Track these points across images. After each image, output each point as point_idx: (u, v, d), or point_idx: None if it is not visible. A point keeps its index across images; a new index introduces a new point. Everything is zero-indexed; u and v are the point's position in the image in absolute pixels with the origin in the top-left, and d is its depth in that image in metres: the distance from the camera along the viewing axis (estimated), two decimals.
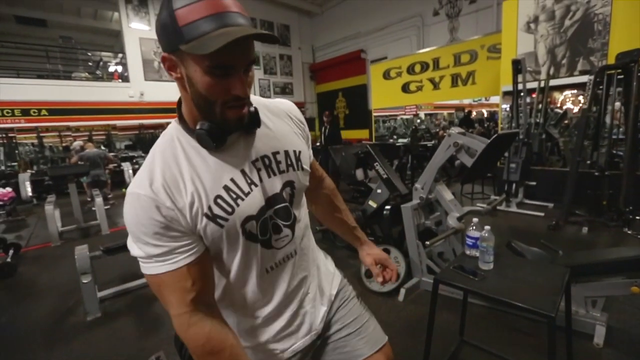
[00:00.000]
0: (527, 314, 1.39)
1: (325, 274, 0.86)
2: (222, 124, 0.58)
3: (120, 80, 8.17)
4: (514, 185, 4.24)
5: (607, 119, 3.68)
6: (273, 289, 0.71)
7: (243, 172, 0.63)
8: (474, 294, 1.30)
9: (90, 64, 9.63)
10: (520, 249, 1.98)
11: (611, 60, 3.71)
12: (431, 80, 6.73)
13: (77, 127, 8.39)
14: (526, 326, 1.87)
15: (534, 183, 4.30)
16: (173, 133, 0.63)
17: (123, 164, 7.05)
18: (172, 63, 0.55)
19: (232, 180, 0.62)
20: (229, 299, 0.71)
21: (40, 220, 5.00)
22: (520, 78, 4.28)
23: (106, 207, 5.30)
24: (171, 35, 0.51)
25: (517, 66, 4.25)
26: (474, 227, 1.41)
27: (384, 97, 7.86)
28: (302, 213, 0.76)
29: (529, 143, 4.21)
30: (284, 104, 0.77)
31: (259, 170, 0.65)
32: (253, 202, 0.64)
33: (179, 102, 0.63)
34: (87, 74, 8.55)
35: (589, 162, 3.89)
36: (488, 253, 1.33)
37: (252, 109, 0.62)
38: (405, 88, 7.24)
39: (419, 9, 7.55)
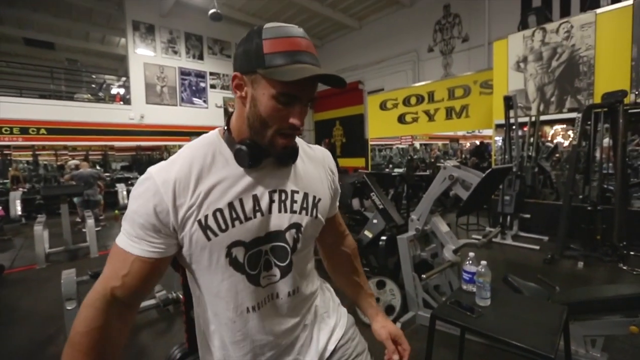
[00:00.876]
0: (526, 353, 1.34)
1: (325, 324, 0.78)
2: (267, 147, 0.61)
3: (122, 103, 8.31)
4: (508, 218, 4.27)
5: (597, 154, 3.79)
6: (250, 333, 0.66)
7: (255, 197, 0.63)
8: (471, 331, 1.27)
9: (93, 86, 9.83)
10: (517, 284, 1.95)
11: (597, 99, 3.88)
12: (426, 113, 6.93)
13: (74, 146, 8.42)
14: None
15: (528, 216, 4.33)
16: (212, 138, 0.65)
17: (117, 185, 7.00)
18: (241, 82, 0.60)
19: (240, 200, 0.62)
20: (204, 325, 0.69)
21: (27, 240, 4.87)
22: (512, 113, 4.44)
23: (97, 229, 5.18)
24: (252, 59, 0.57)
25: (509, 102, 4.41)
26: (471, 262, 1.41)
27: (380, 127, 8.04)
28: (305, 262, 0.73)
29: (522, 176, 4.29)
30: (322, 151, 0.80)
31: (272, 201, 0.65)
32: (249, 229, 0.62)
33: (230, 114, 0.68)
34: (89, 95, 8.71)
35: (581, 196, 3.95)
36: (485, 289, 1.32)
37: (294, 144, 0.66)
38: (401, 119, 7.43)
39: (415, 45, 7.93)
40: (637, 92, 3.71)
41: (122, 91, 8.89)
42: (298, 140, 0.72)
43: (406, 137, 8.51)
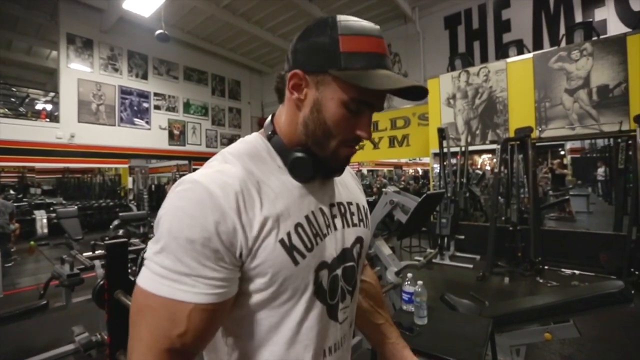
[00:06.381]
0: None
1: None
2: (329, 159, 0.52)
3: (47, 120, 7.48)
4: (446, 239, 4.61)
5: (515, 180, 4.35)
6: None
7: (322, 210, 0.54)
8: (411, 350, 1.33)
9: (13, 99, 8.74)
10: (453, 301, 2.10)
11: (512, 133, 4.51)
12: (371, 141, 7.37)
13: None
14: None
15: (462, 237, 4.72)
16: (260, 146, 0.55)
17: (36, 212, 6.16)
18: (301, 82, 0.50)
19: (313, 213, 0.52)
20: None
21: None
22: (445, 143, 4.93)
23: (8, 265, 4.49)
24: (324, 57, 0.47)
25: (442, 133, 4.91)
26: (409, 283, 1.49)
27: None
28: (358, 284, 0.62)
29: (456, 200, 4.72)
30: (353, 172, 0.74)
31: (334, 216, 0.56)
32: (329, 247, 0.52)
33: (273, 115, 0.58)
34: (5, 110, 7.71)
35: (503, 218, 4.44)
36: (422, 308, 1.40)
37: None
38: None
39: None
40: (540, 129, 4.40)
41: (48, 107, 8.04)
42: None
43: (353, 163, 8.88)
